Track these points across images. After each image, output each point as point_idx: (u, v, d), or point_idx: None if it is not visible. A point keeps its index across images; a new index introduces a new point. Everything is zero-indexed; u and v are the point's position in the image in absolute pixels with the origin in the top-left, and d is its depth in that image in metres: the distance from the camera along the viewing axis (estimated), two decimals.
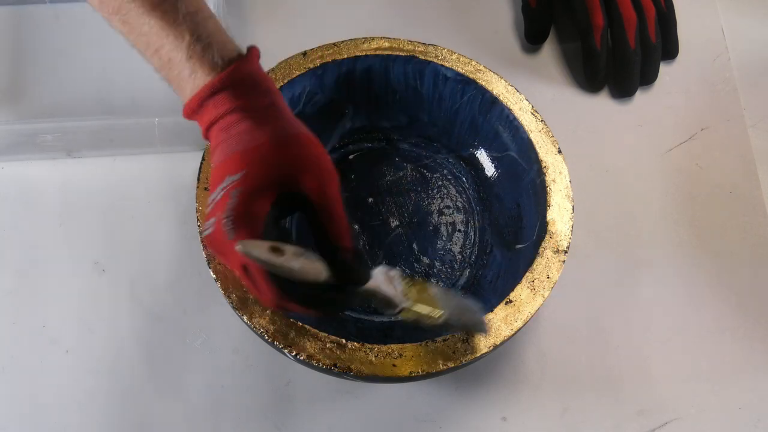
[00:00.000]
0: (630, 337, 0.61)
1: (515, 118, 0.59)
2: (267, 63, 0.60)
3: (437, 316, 0.45)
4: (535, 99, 0.61)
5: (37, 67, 0.69)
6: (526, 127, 0.59)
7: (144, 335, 0.59)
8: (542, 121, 0.59)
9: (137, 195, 0.64)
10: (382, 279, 0.45)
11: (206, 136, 0.47)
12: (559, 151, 0.58)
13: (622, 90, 0.71)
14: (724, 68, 0.73)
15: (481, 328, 0.49)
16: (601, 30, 0.69)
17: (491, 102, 0.60)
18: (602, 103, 0.71)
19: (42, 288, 0.61)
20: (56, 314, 0.60)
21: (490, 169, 0.64)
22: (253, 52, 0.47)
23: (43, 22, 0.70)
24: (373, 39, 0.61)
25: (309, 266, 0.42)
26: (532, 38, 0.73)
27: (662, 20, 0.71)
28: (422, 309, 0.45)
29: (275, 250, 0.41)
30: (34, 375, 0.58)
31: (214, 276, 0.51)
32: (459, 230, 0.63)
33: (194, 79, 0.45)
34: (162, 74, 0.46)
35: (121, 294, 0.60)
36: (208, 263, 0.52)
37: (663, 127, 0.70)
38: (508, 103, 0.59)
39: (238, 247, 0.40)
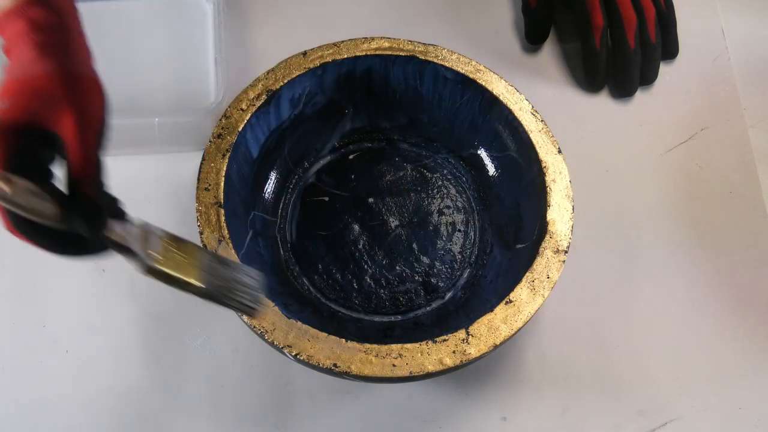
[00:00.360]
0: (630, 337, 0.61)
1: (515, 118, 0.59)
2: (267, 63, 0.60)
3: (194, 283, 0.44)
4: (535, 99, 0.61)
5: None
6: (526, 127, 0.59)
7: (144, 335, 0.59)
8: (542, 121, 0.59)
9: (137, 195, 0.64)
10: (136, 234, 0.44)
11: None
12: (559, 151, 0.58)
13: (622, 90, 0.71)
14: (724, 68, 0.73)
15: (248, 311, 0.45)
16: (601, 30, 0.69)
17: (491, 102, 0.60)
18: (602, 103, 0.71)
19: (42, 288, 0.61)
20: (56, 314, 0.60)
21: (490, 169, 0.64)
22: None
23: None
24: (373, 39, 0.61)
25: (37, 205, 0.40)
26: (532, 38, 0.73)
27: (662, 20, 0.71)
28: (174, 273, 0.43)
29: (6, 181, 0.40)
30: (34, 375, 0.58)
31: None
32: (459, 230, 0.63)
33: None
34: None
35: (121, 294, 0.60)
36: None
37: (663, 127, 0.70)
38: (508, 103, 0.59)
39: None
